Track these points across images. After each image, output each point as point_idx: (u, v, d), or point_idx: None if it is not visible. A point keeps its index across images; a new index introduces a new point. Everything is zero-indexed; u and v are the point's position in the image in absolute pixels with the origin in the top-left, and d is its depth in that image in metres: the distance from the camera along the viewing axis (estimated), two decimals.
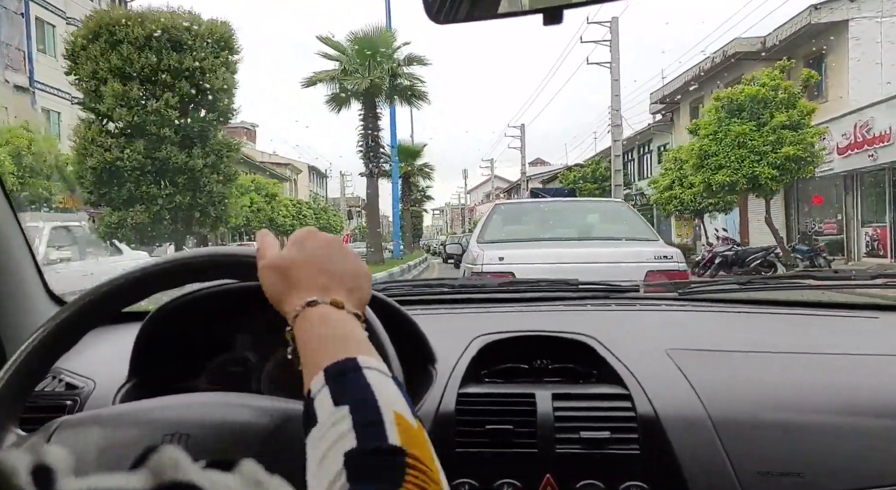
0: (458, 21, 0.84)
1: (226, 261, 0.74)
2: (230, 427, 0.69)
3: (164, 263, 0.75)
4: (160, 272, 0.74)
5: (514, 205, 7.68)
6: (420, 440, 0.49)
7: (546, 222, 5.97)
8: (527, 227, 5.93)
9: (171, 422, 0.70)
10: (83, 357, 1.08)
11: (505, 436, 0.94)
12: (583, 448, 0.92)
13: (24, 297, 1.23)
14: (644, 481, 0.89)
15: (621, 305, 1.42)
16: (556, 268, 4.41)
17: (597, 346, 1.07)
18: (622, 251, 4.81)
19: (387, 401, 0.50)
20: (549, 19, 0.79)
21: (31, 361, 0.71)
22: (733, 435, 0.90)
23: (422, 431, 0.51)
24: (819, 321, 1.30)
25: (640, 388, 0.96)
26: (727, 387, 0.97)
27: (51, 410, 0.98)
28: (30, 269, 1.26)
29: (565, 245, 5.08)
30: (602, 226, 5.78)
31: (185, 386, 0.95)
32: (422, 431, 0.51)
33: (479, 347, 1.08)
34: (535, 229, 5.82)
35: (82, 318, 0.73)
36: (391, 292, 1.39)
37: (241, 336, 1.05)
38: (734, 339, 1.15)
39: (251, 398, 0.76)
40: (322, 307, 0.59)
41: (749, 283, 1.60)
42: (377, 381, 0.52)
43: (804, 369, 1.02)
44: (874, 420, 0.90)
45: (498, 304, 1.46)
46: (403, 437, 0.48)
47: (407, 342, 0.95)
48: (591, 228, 5.72)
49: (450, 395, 0.98)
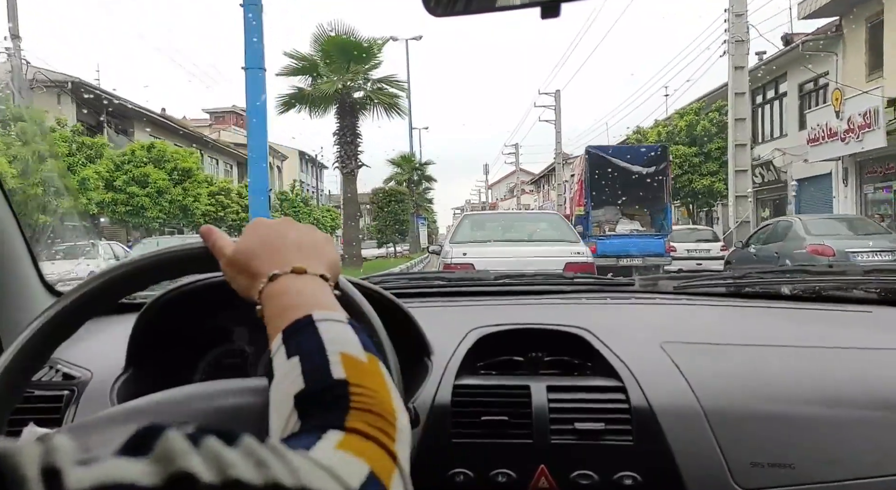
0: (456, 14, 0.84)
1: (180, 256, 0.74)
2: (228, 413, 0.70)
3: (157, 255, 0.75)
4: (154, 264, 0.75)
5: (478, 215, 10.27)
6: (368, 371, 0.51)
7: (500, 228, 8.20)
8: (486, 232, 8.05)
9: (172, 416, 0.70)
10: (80, 347, 1.08)
11: (500, 427, 0.94)
12: (577, 439, 0.93)
13: (20, 289, 1.23)
14: (637, 472, 0.90)
15: (616, 299, 1.42)
16: (504, 260, 6.26)
17: (591, 339, 1.07)
18: (550, 249, 6.90)
19: (334, 344, 0.52)
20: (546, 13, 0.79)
21: (27, 352, 0.71)
22: (726, 427, 0.91)
23: (374, 364, 0.52)
24: (813, 315, 1.31)
25: (635, 381, 0.97)
26: (721, 379, 0.98)
27: (48, 400, 0.98)
28: (26, 261, 1.26)
29: (512, 244, 7.22)
30: (540, 231, 7.97)
31: (182, 377, 0.95)
32: (374, 364, 0.52)
33: (474, 340, 1.09)
34: (492, 233, 7.96)
35: (78, 308, 0.73)
36: (388, 285, 1.40)
37: (238, 327, 1.05)
38: (728, 333, 1.16)
39: (244, 381, 0.76)
40: (282, 279, 0.60)
41: (743, 277, 1.61)
42: (328, 329, 0.54)
43: (797, 362, 1.03)
44: (866, 412, 0.91)
45: (494, 297, 1.47)
46: (349, 371, 0.50)
47: (403, 334, 0.96)
48: (532, 233, 7.94)
49: (446, 386, 0.99)
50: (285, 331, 0.55)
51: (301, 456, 0.38)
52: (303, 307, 0.56)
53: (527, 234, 7.90)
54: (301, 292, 0.59)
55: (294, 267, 0.61)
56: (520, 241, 7.46)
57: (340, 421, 0.45)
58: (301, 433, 0.46)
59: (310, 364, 0.51)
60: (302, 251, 0.64)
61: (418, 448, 0.92)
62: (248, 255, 0.64)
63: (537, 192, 54.99)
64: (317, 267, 0.63)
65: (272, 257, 0.62)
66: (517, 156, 51.53)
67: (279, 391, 0.51)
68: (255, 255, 0.63)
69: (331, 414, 0.46)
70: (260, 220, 0.68)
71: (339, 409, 0.46)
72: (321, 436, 0.43)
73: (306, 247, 0.65)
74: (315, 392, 0.49)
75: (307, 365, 0.51)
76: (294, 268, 0.61)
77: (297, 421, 0.47)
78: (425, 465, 0.92)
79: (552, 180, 45.28)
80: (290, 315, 0.56)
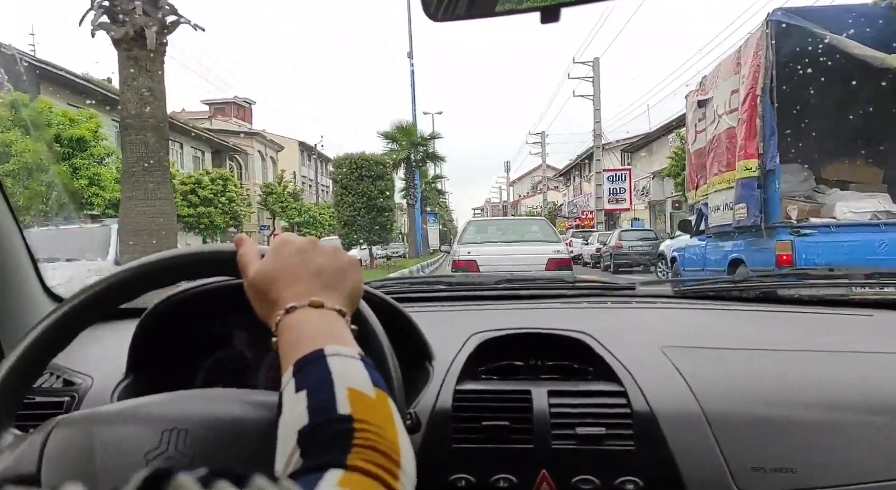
0: (456, 19, 0.84)
1: (210, 258, 0.74)
2: (227, 422, 0.70)
3: (159, 260, 0.75)
4: (156, 269, 0.74)
5: (481, 221, 12.48)
6: (374, 407, 0.51)
7: (498, 231, 10.21)
8: (487, 234, 9.96)
9: (169, 418, 0.70)
10: (81, 353, 1.08)
11: (501, 432, 0.94)
12: (578, 444, 0.92)
13: (21, 294, 1.23)
14: (639, 477, 0.90)
15: (617, 303, 1.42)
16: (501, 257, 8.48)
17: (593, 344, 1.07)
18: (537, 248, 8.83)
19: (342, 379, 0.52)
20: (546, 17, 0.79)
21: (28, 358, 0.71)
22: (727, 431, 0.90)
23: (382, 401, 0.52)
24: (813, 319, 1.31)
25: (636, 385, 0.97)
26: (722, 383, 0.98)
27: (49, 407, 0.98)
28: (27, 266, 1.26)
29: (508, 244, 9.11)
30: (530, 233, 9.95)
31: (183, 382, 0.95)
32: (382, 401, 0.52)
33: (475, 345, 1.09)
34: (492, 235, 9.87)
35: (79, 314, 0.73)
36: (389, 290, 1.39)
37: (239, 333, 1.05)
38: (729, 337, 1.16)
39: (248, 393, 0.76)
40: (299, 312, 0.60)
41: (744, 281, 1.61)
42: (339, 364, 0.54)
43: (798, 366, 1.03)
44: (867, 416, 0.91)
45: (495, 301, 1.47)
46: (355, 406, 0.49)
47: (404, 339, 0.96)
48: (524, 235, 9.82)
49: (446, 391, 0.99)
50: (296, 364, 0.55)
51: None
52: (316, 342, 0.56)
53: (520, 235, 9.81)
54: (315, 327, 0.59)
55: (312, 300, 0.61)
56: (513, 242, 9.30)
57: (342, 458, 0.45)
58: (302, 472, 0.45)
59: (316, 399, 0.50)
60: (322, 279, 0.64)
61: (419, 454, 0.92)
62: (268, 280, 0.64)
63: (566, 186, 50.13)
64: (335, 299, 0.63)
65: (292, 286, 0.63)
66: (543, 145, 44.91)
67: (284, 426, 0.51)
68: (275, 281, 0.63)
69: (332, 450, 0.46)
70: (285, 241, 0.67)
71: (342, 445, 0.46)
72: (322, 475, 0.43)
73: (327, 274, 0.65)
74: (318, 426, 0.48)
75: (313, 400, 0.50)
76: (311, 301, 0.61)
77: (300, 458, 0.47)
78: (426, 471, 0.92)
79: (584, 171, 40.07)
80: (302, 348, 0.56)
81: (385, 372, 0.72)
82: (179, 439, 0.68)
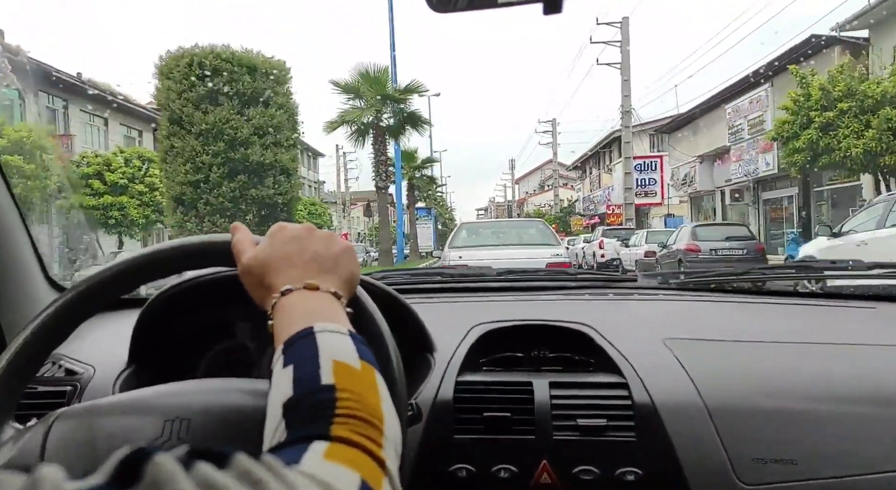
0: (458, 10, 0.83)
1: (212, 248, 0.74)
2: (229, 411, 0.70)
3: (161, 250, 0.75)
4: (158, 259, 0.75)
5: (473, 224, 12.00)
6: (358, 377, 0.51)
7: (492, 234, 9.80)
8: (480, 237, 9.56)
9: (172, 408, 0.71)
10: (83, 343, 1.08)
11: (502, 423, 0.95)
12: (579, 435, 0.93)
13: (23, 284, 1.23)
14: (639, 467, 0.91)
15: (619, 295, 1.42)
16: (494, 261, 6.79)
17: (594, 336, 1.07)
18: (534, 251, 8.19)
19: (328, 352, 0.52)
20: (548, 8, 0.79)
21: (30, 347, 0.71)
22: (728, 422, 0.91)
23: (368, 372, 0.52)
24: (816, 311, 1.31)
25: (637, 377, 0.97)
26: (723, 375, 0.98)
27: (51, 396, 0.99)
28: (29, 256, 1.26)
29: (502, 248, 8.51)
30: (526, 236, 9.50)
31: (185, 373, 0.95)
32: (368, 372, 0.52)
33: (477, 336, 1.09)
34: (485, 239, 9.44)
35: (81, 304, 0.73)
36: (391, 281, 1.40)
37: (241, 323, 1.05)
38: (730, 329, 1.16)
39: (250, 383, 0.77)
40: (294, 294, 0.60)
41: (746, 273, 1.61)
42: (327, 339, 0.54)
43: (800, 358, 1.03)
44: (869, 408, 0.91)
45: (496, 293, 1.47)
46: (338, 377, 0.50)
47: (406, 330, 0.96)
48: (520, 238, 9.38)
49: (448, 382, 0.99)
50: (286, 342, 0.55)
51: (295, 472, 0.38)
52: (308, 320, 0.57)
53: (516, 238, 9.39)
54: (309, 307, 0.59)
55: (307, 283, 0.61)
56: (509, 245, 8.79)
57: (325, 429, 0.45)
58: (287, 444, 0.46)
59: (301, 372, 0.51)
60: (318, 264, 0.64)
61: (420, 444, 0.93)
62: (263, 266, 0.64)
63: (581, 180, 43.70)
64: (330, 283, 0.63)
65: (287, 271, 0.63)
66: (554, 134, 38.90)
67: (272, 400, 0.51)
68: (271, 267, 0.64)
69: (316, 422, 0.46)
70: (281, 227, 0.68)
71: (325, 415, 0.46)
72: (307, 447, 0.43)
73: (324, 259, 0.65)
74: (301, 397, 0.49)
75: (299, 373, 0.51)
76: (307, 284, 0.61)
77: (284, 430, 0.47)
78: (427, 461, 0.93)
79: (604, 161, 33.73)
80: (293, 328, 0.56)
81: (384, 355, 0.72)
82: (182, 429, 0.68)
